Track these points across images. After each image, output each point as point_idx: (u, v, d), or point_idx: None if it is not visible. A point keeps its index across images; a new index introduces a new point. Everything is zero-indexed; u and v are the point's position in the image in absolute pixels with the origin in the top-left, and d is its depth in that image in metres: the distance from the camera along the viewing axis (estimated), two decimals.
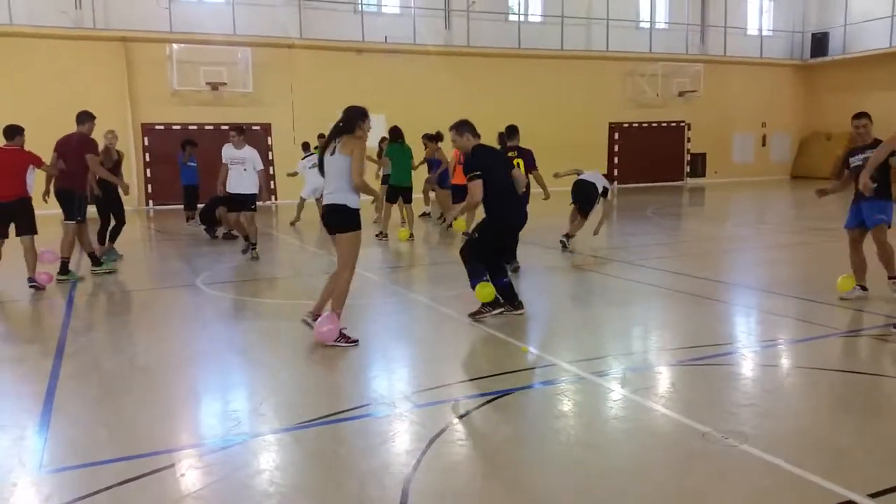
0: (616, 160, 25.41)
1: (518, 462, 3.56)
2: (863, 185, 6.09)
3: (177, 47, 19.02)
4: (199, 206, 13.69)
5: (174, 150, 19.04)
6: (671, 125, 26.12)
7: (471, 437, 3.95)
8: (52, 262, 8.81)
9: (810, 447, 3.65)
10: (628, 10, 24.97)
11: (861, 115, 6.95)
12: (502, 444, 3.84)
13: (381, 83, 20.44)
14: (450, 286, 7.90)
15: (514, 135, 9.39)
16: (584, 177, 10.49)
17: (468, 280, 6.43)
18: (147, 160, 19.56)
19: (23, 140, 8.37)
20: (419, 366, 5.38)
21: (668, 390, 4.60)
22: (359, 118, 5.53)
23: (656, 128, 25.67)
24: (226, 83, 19.63)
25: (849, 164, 7.04)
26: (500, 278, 6.46)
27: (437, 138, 13.39)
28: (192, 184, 14.50)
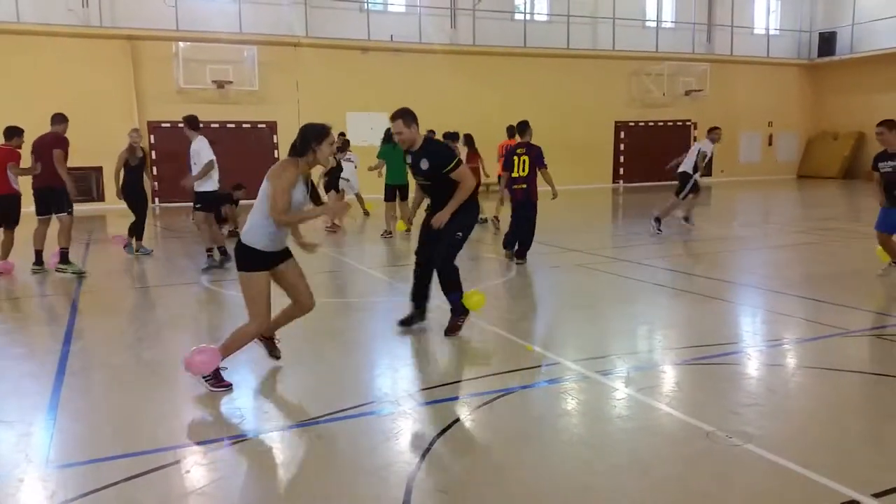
0: (622, 159, 25.38)
1: (521, 460, 3.57)
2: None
3: (183, 45, 19.06)
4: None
5: (180, 148, 19.08)
6: (677, 124, 26.05)
7: (474, 435, 3.95)
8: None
9: (815, 447, 3.64)
10: (634, 9, 24.91)
11: (882, 122, 7.41)
12: (506, 442, 3.84)
13: (386, 82, 20.44)
14: None
15: (524, 131, 9.29)
16: (681, 168, 12.20)
17: (448, 297, 5.83)
18: (154, 158, 19.62)
19: (20, 142, 8.84)
20: (423, 363, 5.39)
21: (673, 389, 4.60)
22: (314, 140, 4.48)
23: (662, 127, 25.61)
24: (232, 81, 19.66)
25: (877, 168, 7.49)
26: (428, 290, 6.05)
27: (455, 137, 13.45)
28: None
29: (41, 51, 17.76)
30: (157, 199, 19.53)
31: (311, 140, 4.51)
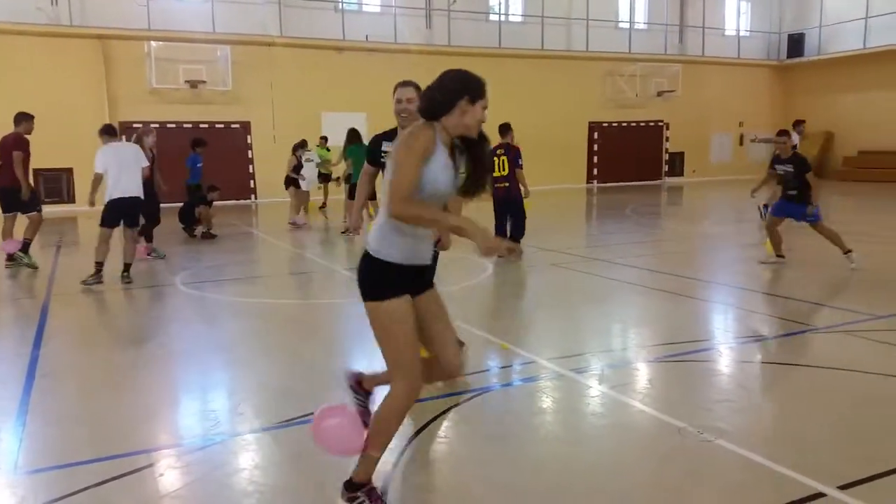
0: (595, 159, 25.57)
1: (496, 459, 3.59)
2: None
3: (155, 45, 18.85)
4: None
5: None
6: (650, 125, 26.33)
7: (450, 435, 3.97)
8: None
9: (783, 441, 3.71)
10: (608, 11, 25.14)
11: (780, 132, 9.03)
12: (481, 441, 3.87)
13: (361, 82, 20.39)
14: None
15: (505, 133, 9.81)
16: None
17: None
18: None
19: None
20: None
21: (646, 387, 4.66)
22: (462, 93, 2.90)
23: (635, 127, 25.87)
24: (205, 81, 19.49)
25: (774, 167, 8.90)
26: None
27: None
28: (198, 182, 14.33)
29: (10, 50, 17.46)
30: None
31: (457, 94, 2.89)
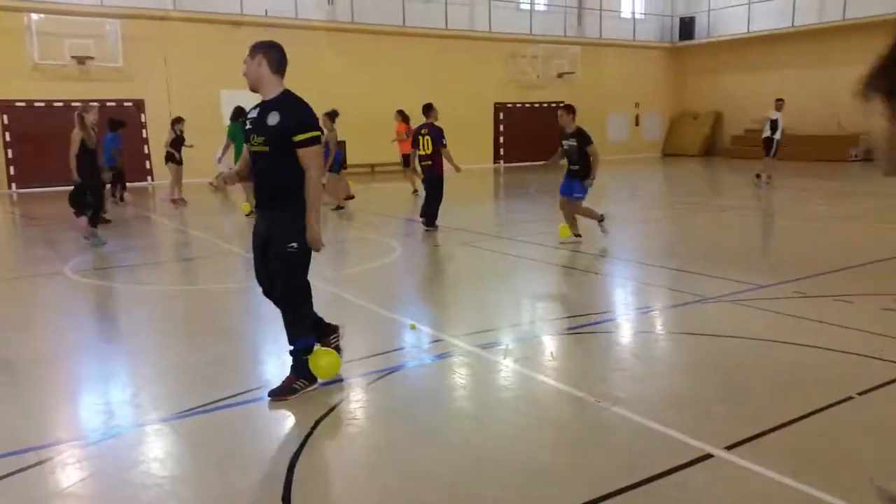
0: (501, 140, 25.90)
1: (404, 437, 3.62)
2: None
3: (36, 17, 17.62)
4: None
5: (37, 130, 17.66)
6: (552, 105, 26.84)
7: (358, 415, 3.97)
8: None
9: (675, 406, 3.92)
10: None
11: (562, 106, 8.97)
12: (389, 420, 3.89)
13: None
14: (337, 266, 7.85)
15: (429, 113, 10.52)
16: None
17: (292, 346, 4.24)
18: (7, 140, 18.09)
19: None
20: None
21: (547, 359, 4.80)
22: None
23: (539, 108, 26.34)
24: (93, 57, 18.41)
25: (561, 144, 8.96)
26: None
27: (334, 116, 13.03)
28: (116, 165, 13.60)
29: None
30: (13, 185, 18.07)
31: None
